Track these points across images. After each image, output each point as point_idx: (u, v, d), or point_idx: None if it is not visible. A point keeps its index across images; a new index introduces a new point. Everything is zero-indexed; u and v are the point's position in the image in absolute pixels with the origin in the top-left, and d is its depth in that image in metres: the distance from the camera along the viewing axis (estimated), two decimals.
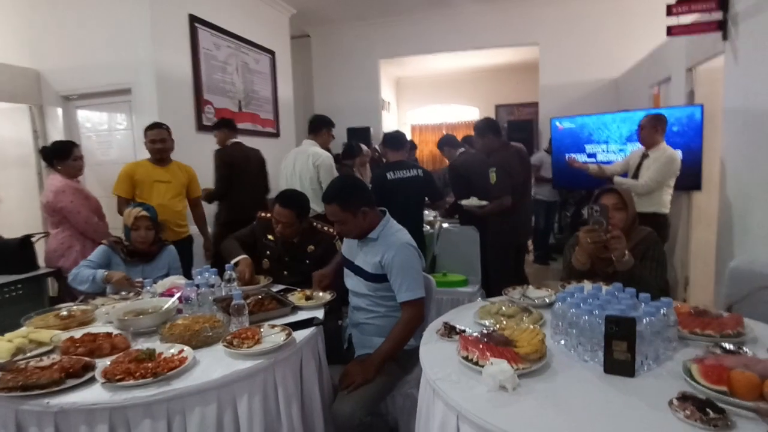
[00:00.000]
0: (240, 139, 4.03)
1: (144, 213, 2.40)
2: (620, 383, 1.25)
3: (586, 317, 1.39)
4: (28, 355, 1.56)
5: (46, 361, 1.46)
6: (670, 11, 3.32)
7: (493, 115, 9.09)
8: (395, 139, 3.61)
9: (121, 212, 3.02)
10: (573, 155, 4.14)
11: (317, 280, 2.20)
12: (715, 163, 3.50)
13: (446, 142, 4.43)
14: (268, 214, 2.53)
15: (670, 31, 3.42)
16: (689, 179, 3.65)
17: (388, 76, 8.96)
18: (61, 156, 3.10)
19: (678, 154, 3.40)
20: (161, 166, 3.24)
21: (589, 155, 4.74)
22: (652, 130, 3.40)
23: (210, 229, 3.78)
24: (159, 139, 3.20)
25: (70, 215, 3.03)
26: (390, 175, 3.35)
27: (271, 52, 5.71)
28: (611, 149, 4.61)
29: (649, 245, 1.94)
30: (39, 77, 4.39)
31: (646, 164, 3.39)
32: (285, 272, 2.48)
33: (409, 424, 1.92)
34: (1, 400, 1.33)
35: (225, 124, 3.94)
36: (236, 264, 2.28)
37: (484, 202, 3.47)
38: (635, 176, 3.44)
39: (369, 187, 2.52)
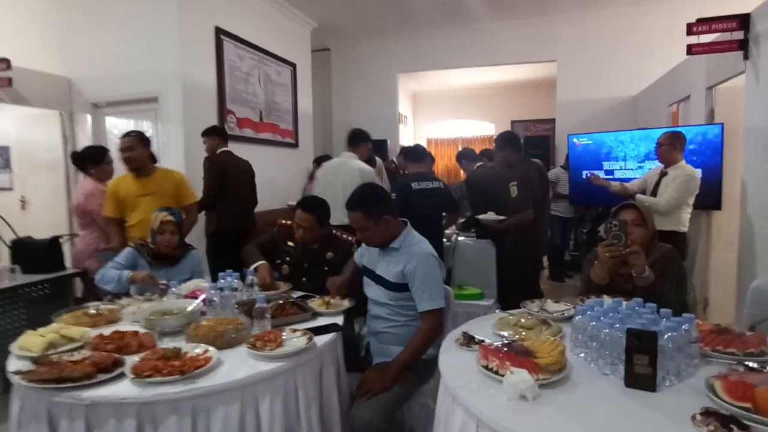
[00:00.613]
0: (260, 148, 4.12)
1: (170, 218, 2.45)
2: (641, 397, 1.24)
3: (607, 330, 1.39)
4: (60, 350, 1.61)
5: (77, 356, 1.51)
6: (690, 30, 3.34)
7: None
8: (416, 152, 3.66)
9: (109, 235, 3.00)
10: (595, 172, 4.13)
11: (336, 288, 2.21)
12: (735, 182, 3.47)
13: (464, 156, 4.47)
14: (289, 221, 2.58)
15: (690, 49, 3.43)
16: (709, 198, 3.62)
17: (406, 89, 9.06)
18: (95, 160, 3.23)
19: (698, 172, 3.38)
20: (143, 177, 2.96)
21: (607, 172, 4.73)
22: (670, 147, 3.38)
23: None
24: (125, 148, 2.90)
25: (99, 217, 3.13)
26: (415, 185, 3.39)
27: (293, 65, 5.84)
28: (629, 167, 4.59)
29: (669, 262, 1.93)
30: (70, 85, 4.55)
31: (665, 182, 3.37)
32: (304, 278, 2.51)
33: None
34: (35, 392, 1.38)
35: (215, 132, 3.91)
36: (256, 270, 2.33)
37: (501, 217, 3.47)
38: (653, 194, 3.43)
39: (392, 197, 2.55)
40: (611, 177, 4.58)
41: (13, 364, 1.54)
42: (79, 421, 1.33)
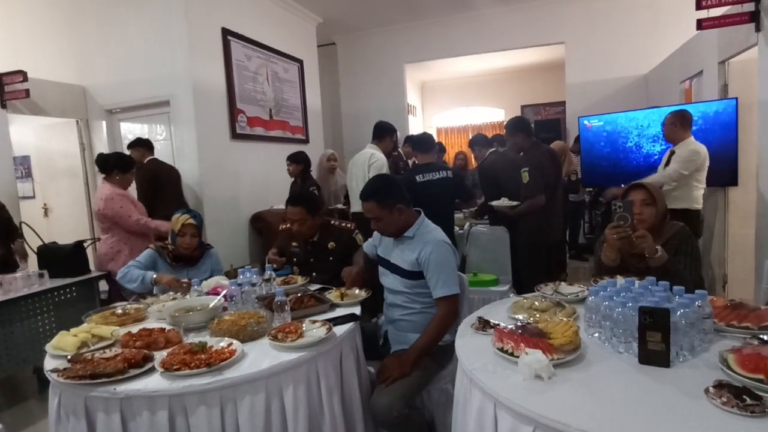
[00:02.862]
0: (271, 146, 4.19)
1: (191, 221, 2.53)
2: (655, 373, 1.27)
3: (620, 309, 1.41)
4: (92, 348, 1.69)
5: (108, 353, 1.58)
6: (699, 4, 3.27)
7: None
8: (423, 141, 3.67)
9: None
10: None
11: (351, 279, 2.25)
12: (751, 157, 3.42)
13: (476, 142, 4.45)
14: (288, 225, 2.66)
15: (701, 24, 3.37)
16: (724, 175, 3.58)
17: (414, 80, 9.03)
18: (124, 168, 3.36)
19: (703, 147, 3.36)
20: None
21: (620, 153, 4.69)
22: (673, 126, 3.42)
23: None
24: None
25: (122, 220, 3.26)
26: (419, 178, 3.41)
27: (299, 61, 5.87)
28: (643, 146, 4.55)
29: (681, 240, 1.93)
30: (85, 93, 4.65)
31: (673, 160, 3.37)
32: (314, 273, 2.58)
33: (444, 418, 1.97)
34: (72, 388, 1.46)
35: (141, 143, 4.06)
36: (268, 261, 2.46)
37: (515, 203, 3.48)
38: None
39: None
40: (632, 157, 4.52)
41: (49, 363, 1.63)
42: (115, 414, 1.41)
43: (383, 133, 3.97)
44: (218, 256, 2.74)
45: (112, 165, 3.36)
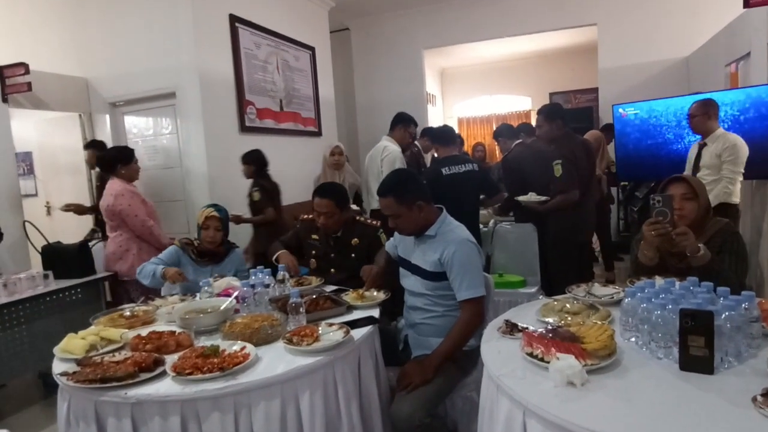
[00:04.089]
0: (282, 139, 4.23)
1: (215, 213, 2.63)
2: (698, 380, 1.26)
3: (659, 312, 1.41)
4: (101, 351, 1.75)
5: (118, 357, 1.63)
6: None
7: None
8: (445, 134, 3.68)
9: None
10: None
11: (371, 279, 2.28)
12: None
13: (502, 132, 4.41)
14: (310, 215, 2.69)
15: (748, 1, 3.31)
16: None
17: (433, 67, 9.01)
18: (124, 160, 3.47)
19: (740, 138, 3.32)
20: None
21: (659, 144, 4.62)
22: (704, 117, 3.36)
23: None
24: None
25: (128, 218, 3.35)
26: (445, 171, 3.41)
27: (311, 48, 5.91)
28: (684, 137, 4.46)
29: (726, 238, 1.91)
30: (87, 85, 4.75)
31: (708, 154, 3.31)
32: (332, 269, 2.62)
33: (469, 427, 1.99)
34: (82, 392, 1.52)
35: (94, 145, 4.29)
36: (278, 260, 2.48)
37: (544, 198, 3.46)
38: (695, 168, 3.36)
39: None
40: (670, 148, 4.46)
41: (58, 366, 1.69)
42: (126, 420, 1.46)
43: (395, 122, 4.00)
44: (242, 256, 2.82)
45: (113, 161, 3.47)
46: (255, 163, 4.19)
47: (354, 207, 4.83)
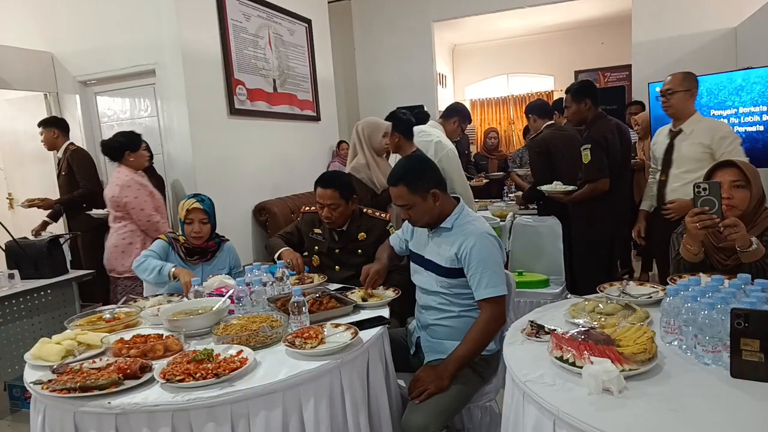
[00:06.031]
0: (276, 123, 4.26)
1: (197, 204, 2.56)
2: (751, 388, 1.27)
3: (706, 312, 1.42)
4: (79, 357, 1.77)
5: (99, 363, 1.65)
6: None
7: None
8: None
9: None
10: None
11: (370, 278, 2.25)
12: None
13: (533, 108, 4.38)
14: (312, 208, 2.70)
15: None
16: None
17: (443, 43, 8.99)
18: (133, 147, 3.61)
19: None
20: None
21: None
22: (686, 94, 3.05)
23: None
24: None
25: (133, 211, 3.49)
26: None
27: (307, 21, 5.91)
28: (738, 117, 4.43)
29: None
30: (53, 61, 4.74)
31: (687, 143, 3.04)
32: (337, 267, 2.64)
33: None
34: (59, 402, 1.53)
35: (54, 122, 4.39)
36: (279, 257, 2.49)
37: (570, 187, 3.46)
38: (666, 163, 3.15)
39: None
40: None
41: (30, 375, 1.69)
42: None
43: (452, 113, 4.02)
44: (236, 251, 2.82)
45: (120, 147, 3.58)
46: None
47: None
